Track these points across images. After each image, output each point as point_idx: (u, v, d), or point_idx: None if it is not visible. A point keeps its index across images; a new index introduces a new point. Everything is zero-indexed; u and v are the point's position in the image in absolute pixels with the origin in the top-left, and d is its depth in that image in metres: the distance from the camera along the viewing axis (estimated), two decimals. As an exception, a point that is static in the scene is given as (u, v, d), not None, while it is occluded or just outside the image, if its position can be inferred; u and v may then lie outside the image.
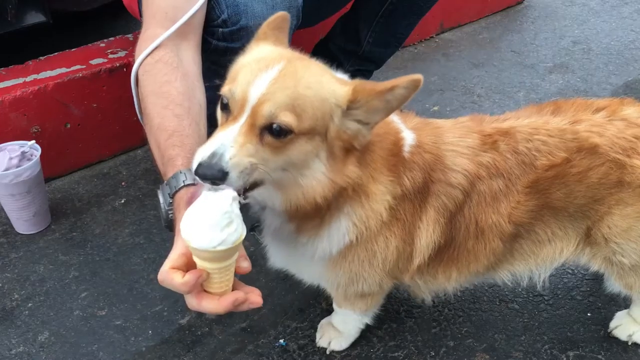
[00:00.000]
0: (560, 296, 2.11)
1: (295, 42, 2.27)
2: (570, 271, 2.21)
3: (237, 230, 1.20)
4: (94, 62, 2.66)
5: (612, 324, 1.96)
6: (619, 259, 1.66)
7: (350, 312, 1.82)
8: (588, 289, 2.14)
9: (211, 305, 1.29)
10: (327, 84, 1.32)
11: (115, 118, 2.73)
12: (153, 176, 2.69)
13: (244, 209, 1.28)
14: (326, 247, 1.50)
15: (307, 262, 1.57)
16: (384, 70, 3.20)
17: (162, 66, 1.70)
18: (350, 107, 1.30)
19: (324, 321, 1.97)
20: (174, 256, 1.30)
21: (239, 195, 1.24)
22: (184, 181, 1.46)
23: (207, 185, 1.21)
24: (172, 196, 1.48)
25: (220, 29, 2.01)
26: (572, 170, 1.55)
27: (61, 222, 2.45)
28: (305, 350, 1.92)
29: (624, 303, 2.03)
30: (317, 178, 1.33)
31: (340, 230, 1.48)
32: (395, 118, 1.55)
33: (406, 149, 1.51)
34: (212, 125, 2.74)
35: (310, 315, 2.04)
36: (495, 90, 3.50)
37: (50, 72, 2.57)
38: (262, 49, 1.40)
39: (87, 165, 2.77)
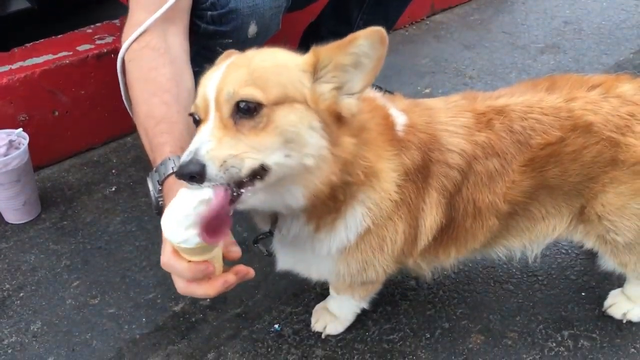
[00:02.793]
0: (554, 276, 2.11)
1: (285, 25, 2.25)
2: (564, 251, 2.21)
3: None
4: (80, 48, 2.62)
5: (607, 303, 1.96)
6: (612, 237, 1.66)
7: (349, 297, 1.82)
8: (582, 268, 2.14)
9: (201, 288, 1.27)
10: (282, 55, 1.31)
11: (104, 105, 2.70)
12: (144, 163, 2.66)
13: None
14: (344, 237, 1.47)
15: (321, 259, 1.54)
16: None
17: (148, 52, 1.67)
18: (316, 69, 1.27)
19: (318, 306, 1.96)
20: None
21: (240, 189, 1.20)
22: (172, 168, 1.45)
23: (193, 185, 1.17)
24: (161, 183, 1.47)
25: (209, 12, 1.98)
26: (566, 149, 1.54)
27: (51, 211, 2.43)
28: (300, 334, 1.91)
29: (617, 282, 2.03)
30: (322, 155, 1.26)
31: (357, 218, 1.45)
32: (380, 97, 1.53)
33: (399, 128, 1.48)
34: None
35: (304, 300, 2.03)
36: (487, 72, 3.48)
37: (36, 59, 2.53)
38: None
39: (76, 153, 2.74)
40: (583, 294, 2.05)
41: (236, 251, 1.32)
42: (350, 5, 2.81)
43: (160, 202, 1.49)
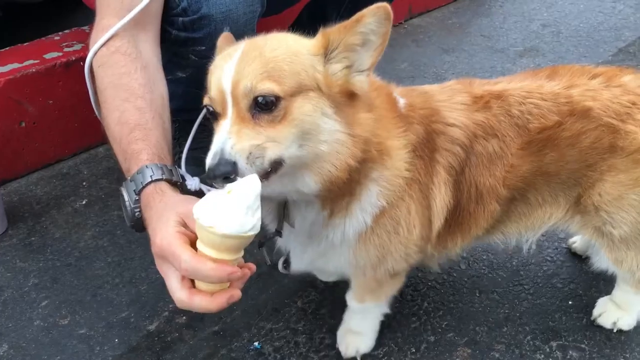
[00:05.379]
0: (540, 284, 2.07)
1: (261, 30, 2.18)
2: (549, 258, 2.17)
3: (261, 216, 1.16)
4: (48, 56, 2.54)
5: (596, 312, 1.92)
6: (609, 230, 1.62)
7: (373, 305, 1.75)
8: (568, 276, 2.10)
9: (204, 302, 1.19)
10: (292, 41, 1.31)
11: (74, 114, 2.61)
12: (116, 175, 2.57)
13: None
14: (360, 220, 1.45)
15: (338, 249, 1.51)
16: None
17: (119, 57, 1.59)
18: (327, 51, 1.28)
19: (341, 331, 1.85)
20: (183, 242, 1.18)
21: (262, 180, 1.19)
22: (151, 176, 1.39)
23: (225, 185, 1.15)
24: (139, 193, 1.39)
25: (181, 18, 1.90)
26: (564, 134, 1.52)
27: (18, 227, 2.33)
28: (282, 352, 1.84)
29: (605, 289, 2.00)
30: (338, 139, 1.27)
31: (371, 197, 1.43)
32: (379, 79, 1.53)
33: (401, 105, 1.48)
34: (176, 120, 2.63)
35: (285, 315, 1.96)
36: (467, 76, 3.43)
37: (1, 67, 2.44)
38: (224, 52, 1.36)
39: (45, 166, 2.65)
40: (570, 302, 2.01)
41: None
42: (327, 9, 2.75)
43: (137, 214, 1.41)
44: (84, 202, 2.45)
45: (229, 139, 1.18)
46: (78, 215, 2.38)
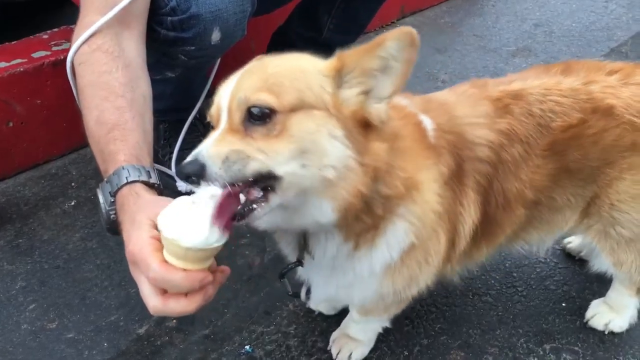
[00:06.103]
0: (533, 286, 2.06)
1: (252, 30, 2.16)
2: (542, 260, 2.16)
3: None
4: (36, 55, 2.49)
5: (588, 314, 1.91)
6: (619, 231, 1.61)
7: (375, 319, 1.73)
8: (561, 277, 2.09)
9: (179, 305, 1.15)
10: (302, 59, 1.24)
11: (62, 114, 2.56)
12: (105, 175, 2.54)
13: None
14: (386, 255, 1.38)
15: (366, 280, 1.44)
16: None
17: (100, 55, 1.56)
18: (340, 73, 1.20)
19: (337, 334, 1.84)
20: (154, 250, 1.14)
21: (253, 204, 1.14)
22: (126, 178, 1.34)
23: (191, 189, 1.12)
24: (114, 195, 1.35)
25: (169, 18, 1.87)
26: (588, 132, 1.49)
27: (6, 229, 2.29)
28: (273, 356, 1.82)
29: (598, 291, 1.99)
30: (346, 164, 1.18)
31: (398, 234, 1.36)
32: (405, 101, 1.46)
33: (430, 133, 1.41)
34: (162, 121, 2.60)
35: (276, 318, 1.93)
36: (460, 76, 3.43)
37: (-12, 67, 2.39)
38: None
39: (33, 166, 2.60)
40: (563, 304, 2.00)
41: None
42: (319, 9, 2.72)
43: (112, 216, 1.38)
44: (72, 203, 2.42)
45: (210, 145, 1.13)
46: (67, 217, 2.35)
